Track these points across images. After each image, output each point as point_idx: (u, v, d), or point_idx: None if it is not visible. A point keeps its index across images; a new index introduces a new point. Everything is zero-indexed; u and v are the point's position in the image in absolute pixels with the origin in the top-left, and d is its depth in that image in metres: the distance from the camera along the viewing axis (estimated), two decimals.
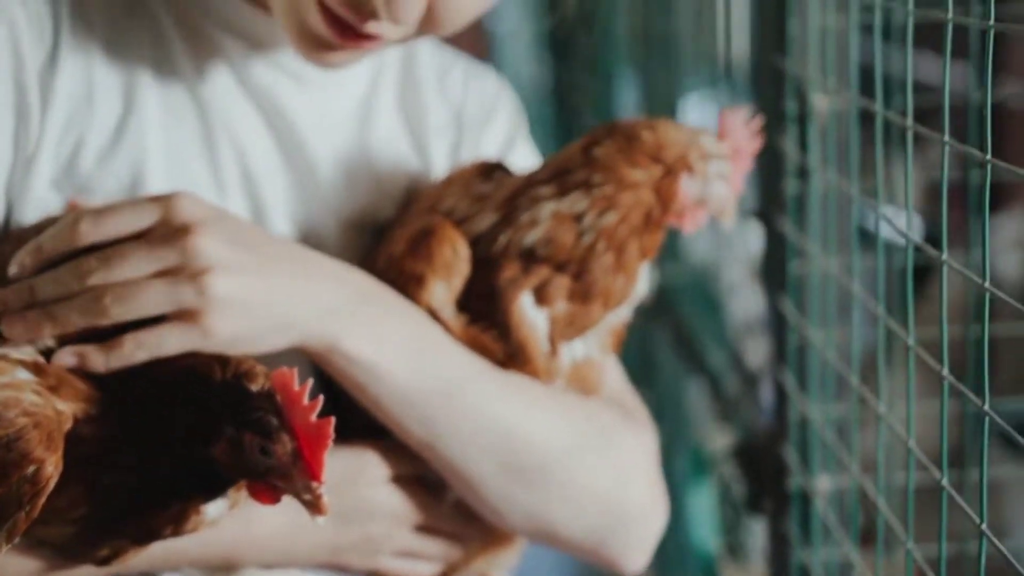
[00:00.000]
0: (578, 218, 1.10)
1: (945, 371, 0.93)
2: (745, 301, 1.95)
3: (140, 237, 1.00)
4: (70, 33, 1.10)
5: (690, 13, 2.22)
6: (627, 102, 2.84)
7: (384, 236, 1.18)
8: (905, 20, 0.98)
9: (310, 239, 1.17)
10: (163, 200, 1.01)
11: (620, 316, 1.17)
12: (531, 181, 1.13)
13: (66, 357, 0.98)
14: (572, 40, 3.47)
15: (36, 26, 1.08)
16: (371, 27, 1.06)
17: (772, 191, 1.40)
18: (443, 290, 1.10)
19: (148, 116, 1.12)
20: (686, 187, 1.12)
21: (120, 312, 0.98)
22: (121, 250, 0.99)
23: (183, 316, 0.98)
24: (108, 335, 0.99)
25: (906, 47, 0.99)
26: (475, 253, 1.11)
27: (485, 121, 1.30)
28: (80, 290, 0.98)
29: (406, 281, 1.10)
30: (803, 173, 1.34)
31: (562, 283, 1.11)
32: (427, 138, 1.26)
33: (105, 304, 0.98)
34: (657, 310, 2.23)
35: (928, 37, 1.01)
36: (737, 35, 1.82)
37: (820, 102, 1.32)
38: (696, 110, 2.36)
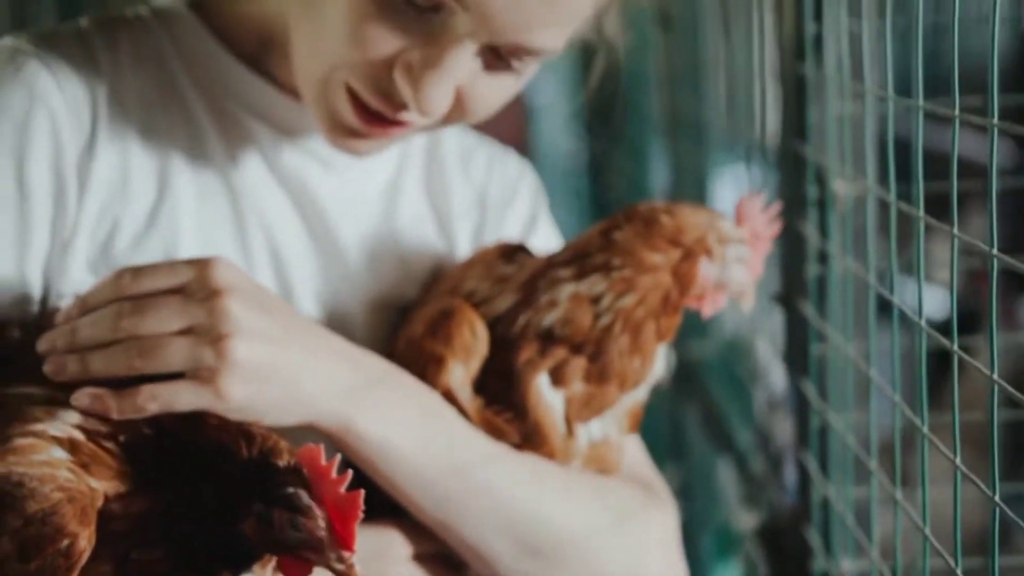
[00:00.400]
0: (596, 300, 1.12)
1: (957, 460, 0.94)
2: (772, 380, 1.96)
3: (175, 293, 1.03)
4: (107, 121, 1.14)
5: (719, 94, 2.26)
6: (658, 177, 2.87)
7: (406, 317, 1.21)
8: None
9: (336, 320, 1.20)
10: (200, 262, 1.04)
11: (637, 397, 1.18)
12: (551, 263, 1.15)
13: (82, 398, 1.00)
14: (606, 116, 3.51)
15: (75, 114, 1.12)
16: (400, 116, 1.10)
17: (793, 275, 1.42)
18: (462, 371, 1.12)
19: (181, 200, 1.16)
20: (705, 270, 1.14)
21: (142, 365, 1.00)
22: (155, 301, 1.02)
23: (200, 375, 1.00)
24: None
25: (917, 139, 1.02)
26: (494, 334, 1.13)
27: (508, 203, 1.33)
28: (113, 338, 1.01)
29: (426, 362, 1.12)
30: (823, 257, 1.36)
31: (579, 364, 1.13)
32: (451, 220, 1.30)
33: (131, 356, 1.00)
34: (686, 386, 2.25)
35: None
36: (768, 116, 1.85)
37: (839, 188, 1.34)
38: (726, 187, 2.39)
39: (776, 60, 1.49)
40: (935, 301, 2.17)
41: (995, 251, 0.86)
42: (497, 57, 1.08)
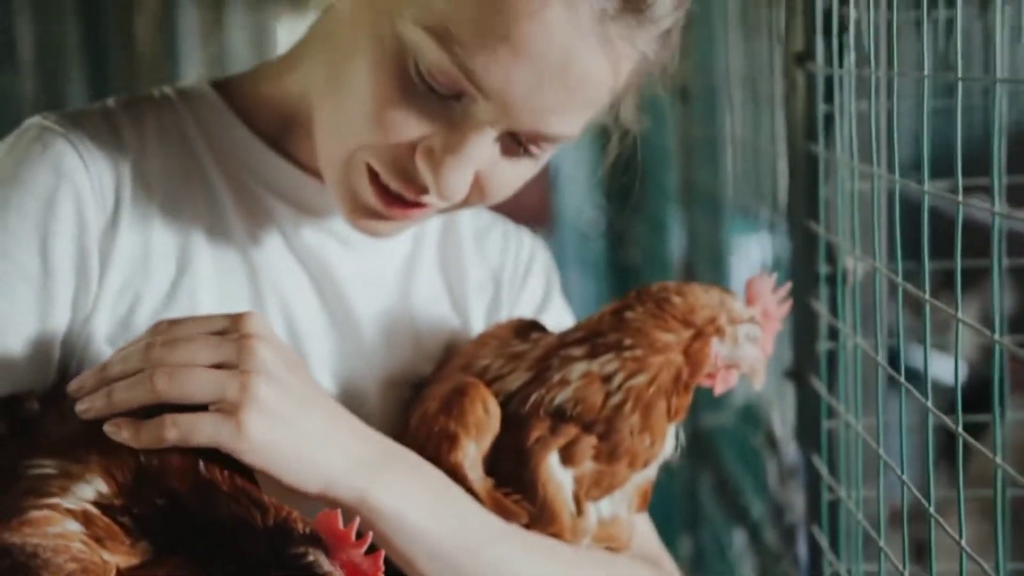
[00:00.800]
0: (608, 379, 1.13)
1: (963, 541, 0.95)
2: (786, 451, 1.97)
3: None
4: (131, 198, 1.16)
5: (735, 167, 2.28)
6: (675, 247, 2.90)
7: (420, 394, 1.22)
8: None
9: (351, 396, 1.22)
10: (235, 313, 1.06)
11: (647, 475, 1.19)
12: (564, 342, 1.17)
13: (106, 429, 1.01)
14: (625, 188, 3.54)
15: (99, 192, 1.14)
16: (420, 199, 1.12)
17: (805, 351, 1.44)
18: (474, 449, 1.13)
19: (200, 276, 1.18)
20: (716, 350, 1.15)
21: (166, 388, 1.01)
22: (188, 336, 1.03)
23: (223, 408, 1.01)
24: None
25: (923, 222, 1.03)
26: (506, 411, 1.14)
27: (522, 281, 1.35)
28: (141, 367, 1.02)
29: (439, 439, 1.13)
30: (834, 333, 1.38)
31: (589, 443, 1.14)
32: (466, 297, 1.32)
33: (155, 380, 1.01)
34: (700, 456, 2.25)
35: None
36: (781, 192, 1.87)
37: (850, 264, 1.36)
38: (743, 257, 2.41)
39: (787, 138, 1.51)
40: (951, 369, 2.18)
41: (998, 336, 0.87)
42: (516, 143, 1.10)
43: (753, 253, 2.35)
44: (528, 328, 1.24)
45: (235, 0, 5.61)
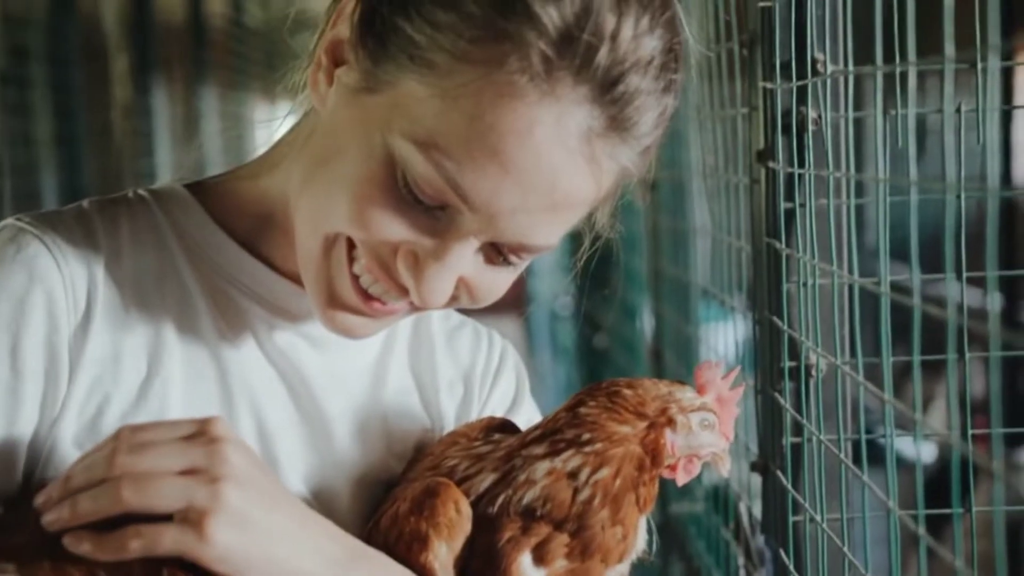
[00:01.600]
0: (573, 475, 1.14)
1: None
2: (754, 543, 1.97)
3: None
4: (103, 301, 1.17)
5: (703, 258, 2.31)
6: (644, 332, 2.92)
7: (390, 493, 1.23)
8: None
9: (322, 495, 1.23)
10: (202, 418, 1.06)
11: (621, 572, 1.20)
12: (524, 442, 1.18)
13: (67, 541, 1.00)
14: (598, 275, 3.57)
15: (72, 295, 1.15)
16: (399, 302, 1.14)
17: (770, 445, 1.45)
18: (445, 551, 1.13)
19: (171, 377, 1.18)
20: (671, 440, 1.17)
21: (132, 498, 1.00)
22: (153, 442, 1.03)
23: (188, 516, 1.00)
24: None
25: (885, 319, 1.06)
26: (476, 511, 1.15)
27: (493, 382, 1.37)
28: (107, 475, 1.01)
29: (410, 540, 1.13)
30: (799, 428, 1.39)
31: (561, 541, 1.14)
32: (437, 396, 1.33)
33: (121, 490, 1.00)
34: (670, 545, 2.25)
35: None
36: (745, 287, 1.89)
37: (813, 360, 1.38)
38: (709, 343, 2.43)
39: (751, 234, 1.53)
40: (923, 451, 2.19)
41: (958, 433, 0.89)
42: (497, 252, 1.12)
43: (720, 340, 2.38)
44: (496, 428, 1.25)
45: (209, 94, 5.67)
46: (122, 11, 5.20)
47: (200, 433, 1.04)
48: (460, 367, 1.36)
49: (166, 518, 1.01)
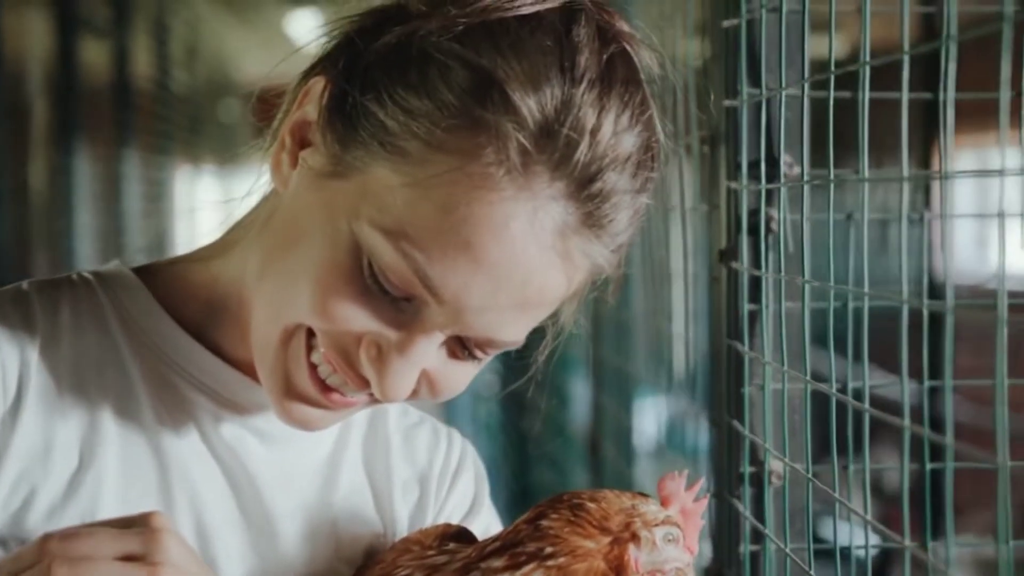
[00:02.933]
0: None
1: None
2: None
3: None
4: (36, 388, 1.12)
5: (643, 343, 2.30)
6: (579, 418, 2.90)
7: None
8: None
9: None
10: (139, 514, 1.00)
11: None
12: (483, 553, 1.14)
13: None
14: (524, 357, 3.55)
15: (1, 381, 1.10)
16: (359, 394, 1.09)
17: (727, 552, 1.42)
18: None
19: (105, 470, 1.12)
20: (635, 556, 1.13)
21: None
22: (88, 529, 0.98)
23: None
24: None
25: (829, 420, 1.04)
26: None
27: (451, 484, 1.32)
28: (36, 560, 0.95)
29: None
30: (759, 535, 1.36)
31: None
32: (391, 499, 1.28)
33: (53, 572, 0.93)
34: None
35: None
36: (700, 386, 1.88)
37: (775, 465, 1.35)
38: (646, 420, 2.41)
39: (710, 335, 1.51)
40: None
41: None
42: (462, 347, 1.08)
43: (658, 416, 2.36)
44: (453, 537, 1.21)
45: (131, 157, 5.60)
46: (46, 69, 5.12)
47: (138, 522, 0.99)
48: (416, 468, 1.31)
49: None
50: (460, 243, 1.00)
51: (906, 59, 1.02)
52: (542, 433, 3.32)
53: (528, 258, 1.02)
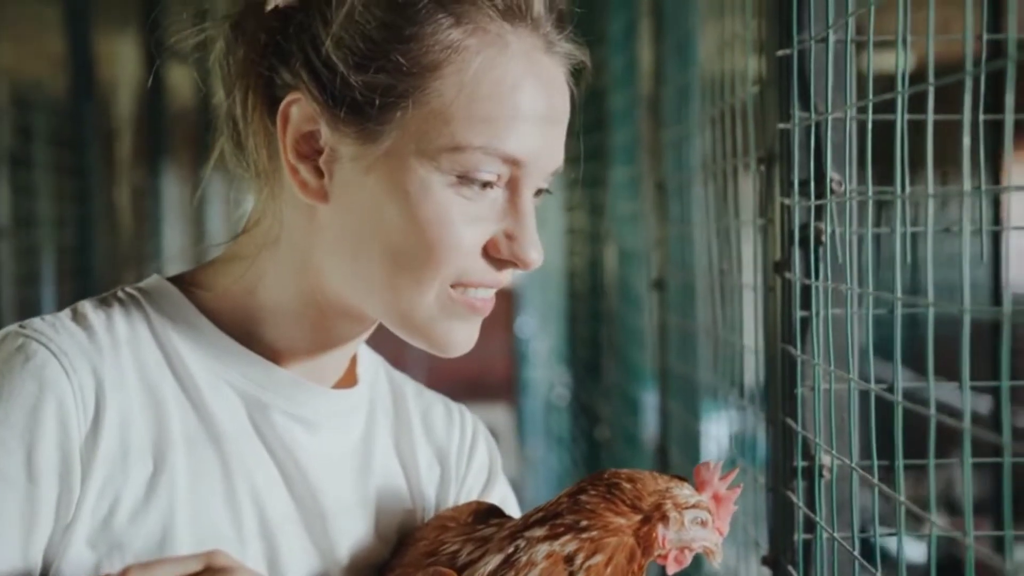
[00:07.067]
0: (569, 559, 1.21)
1: None
2: None
3: None
4: (110, 402, 1.19)
5: (708, 354, 2.39)
6: (648, 426, 2.98)
7: None
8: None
9: None
10: (207, 552, 1.12)
11: None
12: (527, 523, 1.25)
13: None
14: (594, 368, 3.64)
15: (81, 400, 1.17)
16: (505, 276, 1.25)
17: (782, 541, 1.52)
18: None
19: (176, 473, 1.21)
20: (662, 533, 1.25)
21: None
22: (162, 561, 1.10)
23: None
24: None
25: (897, 432, 1.13)
26: None
27: (468, 459, 1.43)
28: None
29: None
30: (810, 526, 1.47)
31: None
32: (419, 478, 1.38)
33: None
34: None
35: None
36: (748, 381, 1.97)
37: (826, 460, 1.46)
38: (715, 432, 2.50)
39: (765, 340, 1.62)
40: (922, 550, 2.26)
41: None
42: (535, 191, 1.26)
43: (724, 438, 2.45)
44: (486, 512, 1.31)
45: (215, 178, 5.76)
46: (136, 95, 5.31)
47: (207, 562, 1.10)
48: (436, 446, 1.41)
49: None
50: (511, 109, 1.18)
51: (933, 84, 1.12)
52: (612, 441, 3.42)
53: (549, 83, 1.22)
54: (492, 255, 1.22)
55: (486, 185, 1.19)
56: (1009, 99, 0.96)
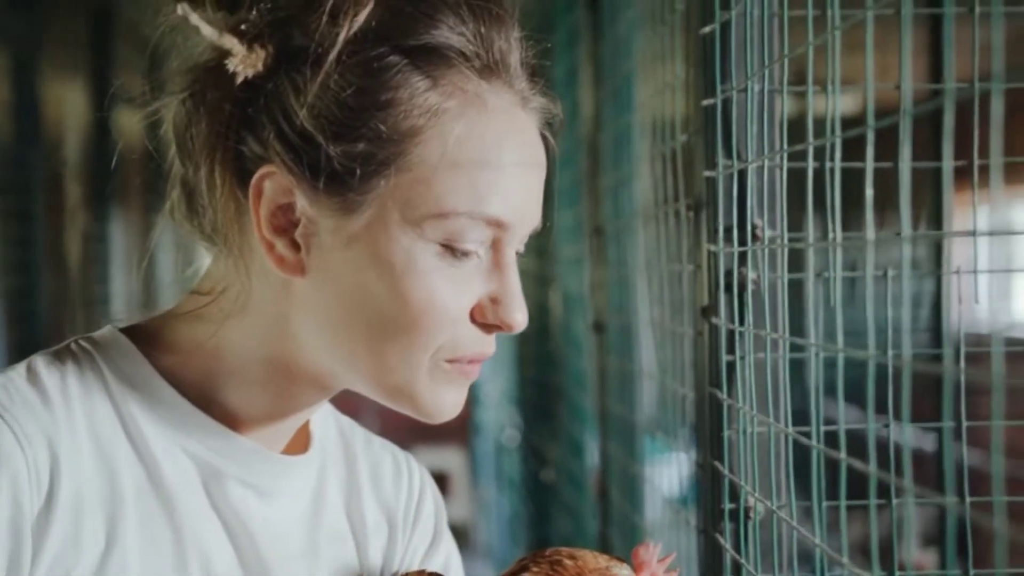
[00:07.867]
0: None
1: None
2: None
3: None
4: (64, 475, 1.14)
5: (649, 397, 2.41)
6: (590, 467, 3.00)
7: None
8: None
9: None
10: None
11: None
12: None
13: None
14: (543, 409, 3.66)
15: (35, 474, 1.11)
16: (492, 341, 1.23)
17: None
18: None
19: (127, 548, 1.16)
20: None
21: None
22: None
23: None
24: None
25: (817, 468, 1.16)
26: None
27: (415, 519, 1.42)
28: None
29: None
30: (738, 570, 1.49)
31: None
32: (366, 539, 1.36)
33: None
34: None
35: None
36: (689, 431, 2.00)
37: (752, 503, 1.48)
38: (653, 481, 2.53)
39: (694, 383, 1.64)
40: None
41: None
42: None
43: (663, 479, 2.47)
44: None
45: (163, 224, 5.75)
46: (83, 139, 5.30)
47: None
48: (384, 505, 1.39)
49: None
50: (494, 170, 1.17)
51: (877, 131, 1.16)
52: (558, 484, 3.43)
53: (528, 140, 1.22)
54: (478, 320, 1.20)
55: (469, 252, 1.17)
56: (947, 146, 0.98)
